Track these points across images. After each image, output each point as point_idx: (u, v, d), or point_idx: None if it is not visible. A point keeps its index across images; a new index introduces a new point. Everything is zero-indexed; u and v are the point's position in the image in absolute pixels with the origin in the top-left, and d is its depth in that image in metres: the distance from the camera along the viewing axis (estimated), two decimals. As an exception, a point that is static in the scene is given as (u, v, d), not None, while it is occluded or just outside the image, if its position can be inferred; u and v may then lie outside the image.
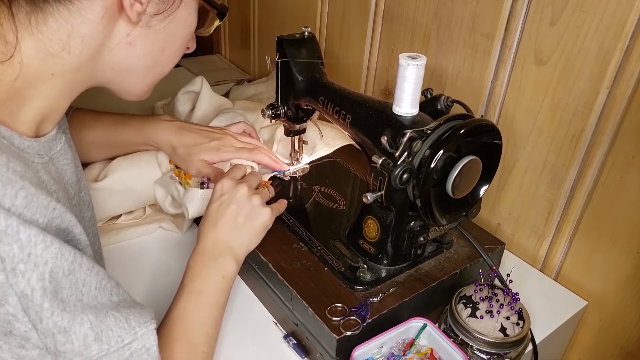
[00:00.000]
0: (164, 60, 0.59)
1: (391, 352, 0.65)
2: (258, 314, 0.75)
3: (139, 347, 0.50)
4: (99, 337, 0.47)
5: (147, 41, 0.55)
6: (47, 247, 0.44)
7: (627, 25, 0.65)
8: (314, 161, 0.96)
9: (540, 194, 0.82)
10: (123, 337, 0.49)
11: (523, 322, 0.66)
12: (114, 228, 0.86)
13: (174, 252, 0.84)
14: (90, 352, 0.46)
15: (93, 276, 0.48)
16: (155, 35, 0.55)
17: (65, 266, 0.45)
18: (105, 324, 0.48)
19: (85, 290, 0.47)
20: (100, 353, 0.47)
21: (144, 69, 0.58)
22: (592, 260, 0.79)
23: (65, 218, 0.48)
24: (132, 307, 0.52)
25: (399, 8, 0.95)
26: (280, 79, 0.82)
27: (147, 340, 0.51)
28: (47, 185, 0.51)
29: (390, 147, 0.62)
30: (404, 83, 0.63)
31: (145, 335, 0.51)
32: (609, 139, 0.72)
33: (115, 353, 0.48)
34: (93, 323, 0.47)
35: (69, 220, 0.49)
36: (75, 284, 0.46)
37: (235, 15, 1.54)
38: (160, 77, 0.62)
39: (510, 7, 0.77)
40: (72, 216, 0.49)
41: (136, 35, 0.54)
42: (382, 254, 0.70)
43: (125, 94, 0.61)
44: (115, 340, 0.48)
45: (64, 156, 0.59)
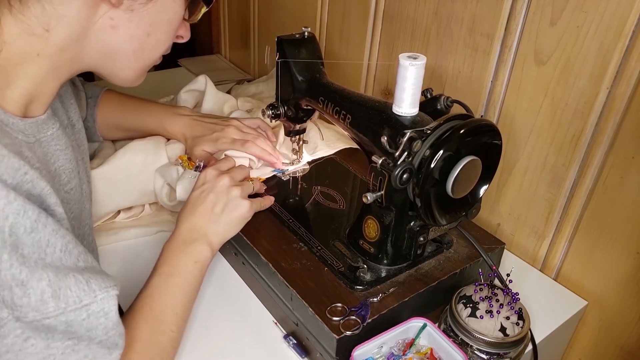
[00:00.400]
0: (151, 45, 0.60)
1: (391, 352, 0.65)
2: (258, 314, 0.75)
3: (97, 309, 0.51)
4: (56, 294, 0.48)
5: (130, 25, 0.56)
6: (9, 202, 0.45)
7: (627, 25, 0.65)
8: (314, 160, 0.96)
9: (540, 194, 0.82)
10: (82, 298, 0.49)
11: (523, 322, 0.66)
12: (113, 227, 0.86)
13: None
14: (46, 308, 0.47)
15: (58, 238, 0.49)
16: (139, 19, 0.56)
17: (28, 224, 0.46)
18: (64, 282, 0.48)
19: (49, 250, 0.48)
20: (57, 310, 0.48)
21: (130, 53, 0.59)
22: (592, 260, 0.79)
23: (37, 185, 0.49)
24: (97, 274, 0.52)
25: (399, 8, 0.95)
26: (280, 79, 0.82)
27: (106, 304, 0.51)
28: (29, 160, 0.52)
29: (390, 147, 0.62)
30: (404, 83, 0.63)
31: (105, 299, 0.51)
32: (609, 139, 0.72)
33: (72, 312, 0.49)
34: (52, 280, 0.47)
35: (42, 187, 0.50)
36: (38, 243, 0.47)
37: (235, 15, 1.54)
38: (148, 62, 0.62)
39: (510, 7, 0.77)
40: (47, 185, 0.50)
41: (120, 18, 0.55)
42: (382, 253, 0.70)
43: (115, 79, 0.62)
44: (73, 300, 0.49)
45: (57, 142, 0.60)
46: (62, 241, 0.49)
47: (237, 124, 0.89)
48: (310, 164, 0.95)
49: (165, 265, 0.66)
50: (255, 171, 0.89)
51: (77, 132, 0.71)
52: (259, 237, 0.75)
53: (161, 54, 0.63)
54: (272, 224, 0.79)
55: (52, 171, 0.59)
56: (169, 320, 0.63)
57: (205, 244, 0.69)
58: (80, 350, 0.50)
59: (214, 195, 0.72)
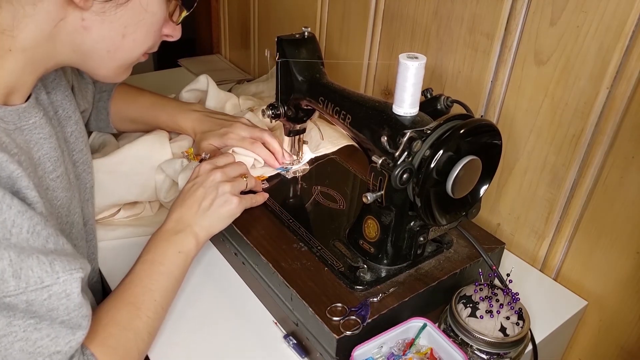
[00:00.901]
0: (127, 46, 0.60)
1: (391, 352, 0.65)
2: (258, 314, 0.75)
3: (59, 290, 0.51)
4: (17, 274, 0.48)
5: (102, 27, 0.56)
6: None
7: (627, 25, 0.65)
8: (317, 158, 0.96)
9: (540, 194, 0.82)
10: (43, 278, 0.50)
11: (523, 322, 0.66)
12: (112, 224, 0.86)
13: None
14: (7, 287, 0.48)
15: (25, 220, 0.50)
16: (112, 22, 0.56)
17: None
18: (26, 263, 0.49)
19: (15, 231, 0.49)
20: (18, 290, 0.48)
21: (104, 53, 0.59)
22: (592, 260, 0.79)
23: (6, 167, 0.50)
24: (64, 255, 0.53)
25: (399, 8, 0.95)
26: (280, 79, 0.82)
27: (68, 285, 0.52)
28: (7, 146, 0.53)
29: (390, 147, 0.62)
30: (404, 83, 0.63)
31: (67, 281, 0.52)
32: (609, 139, 0.72)
33: (32, 292, 0.49)
34: (13, 260, 0.48)
35: (12, 170, 0.51)
36: (2, 223, 0.48)
37: (235, 15, 1.54)
38: (126, 61, 0.63)
39: (510, 7, 0.77)
40: (18, 168, 0.51)
41: (91, 20, 0.55)
42: (382, 253, 0.70)
43: (93, 76, 0.63)
44: (34, 281, 0.49)
45: (39, 130, 0.61)
46: (29, 222, 0.50)
47: (245, 121, 0.90)
48: (313, 161, 0.95)
49: (149, 253, 0.68)
50: (259, 169, 0.89)
51: (74, 124, 0.72)
52: (259, 237, 0.75)
53: (141, 53, 0.63)
54: (272, 224, 0.79)
55: (35, 158, 0.60)
56: (147, 307, 0.64)
57: (190, 236, 0.71)
58: (42, 329, 0.51)
59: (203, 189, 0.73)
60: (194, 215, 0.72)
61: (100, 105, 0.91)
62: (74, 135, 0.73)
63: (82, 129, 0.75)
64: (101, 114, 0.91)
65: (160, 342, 0.68)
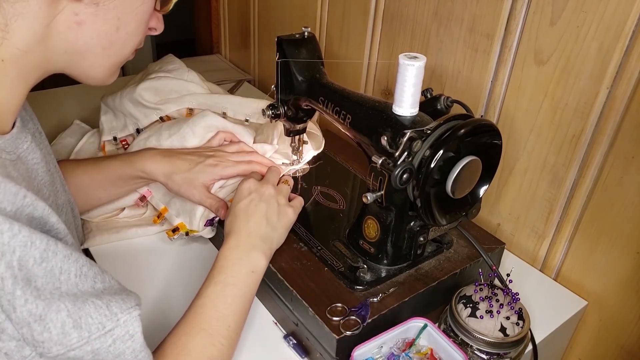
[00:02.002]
0: (121, 41, 0.56)
1: (391, 352, 0.65)
2: (258, 314, 0.75)
3: (122, 333, 0.49)
4: (77, 324, 0.46)
5: (97, 20, 0.52)
6: (14, 235, 0.43)
7: (627, 25, 0.65)
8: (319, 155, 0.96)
9: (540, 194, 0.82)
10: (104, 323, 0.47)
11: (523, 322, 0.66)
12: (116, 225, 0.86)
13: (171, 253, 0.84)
14: (69, 340, 0.45)
15: (72, 264, 0.47)
16: (106, 14, 0.53)
17: (37, 254, 0.44)
18: (84, 310, 0.46)
19: (63, 278, 0.46)
20: (81, 341, 0.46)
21: (99, 50, 0.55)
22: (592, 260, 0.79)
23: (37, 206, 0.47)
24: (116, 294, 0.50)
25: (399, 8, 0.95)
26: (280, 79, 0.82)
27: (130, 326, 0.50)
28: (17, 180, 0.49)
29: (390, 147, 0.62)
30: (404, 83, 0.63)
31: (128, 321, 0.49)
32: (609, 139, 0.72)
33: (96, 340, 0.47)
34: (71, 310, 0.45)
35: (43, 208, 0.47)
36: (51, 272, 0.45)
37: (235, 15, 1.54)
38: (120, 59, 0.58)
39: (510, 7, 0.77)
40: (45, 205, 0.47)
41: (85, 14, 0.51)
42: (382, 254, 0.70)
43: (86, 78, 0.58)
44: (96, 327, 0.47)
45: (32, 155, 0.57)
46: (75, 265, 0.47)
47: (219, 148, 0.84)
48: (317, 159, 0.95)
49: (221, 275, 0.64)
50: None
51: (44, 140, 0.66)
52: (259, 237, 0.75)
53: (133, 48, 0.59)
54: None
55: (35, 187, 0.56)
56: (221, 334, 0.60)
57: (261, 253, 0.67)
58: None
59: (264, 204, 0.71)
60: (263, 229, 0.69)
61: None
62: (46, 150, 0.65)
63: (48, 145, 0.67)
64: None
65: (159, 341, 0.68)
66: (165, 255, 0.83)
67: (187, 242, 0.85)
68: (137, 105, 0.98)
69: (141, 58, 1.80)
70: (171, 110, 0.99)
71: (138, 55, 0.64)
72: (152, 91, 1.00)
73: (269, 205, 0.71)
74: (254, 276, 0.66)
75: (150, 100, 0.99)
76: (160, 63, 1.12)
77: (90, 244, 0.83)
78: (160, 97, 1.00)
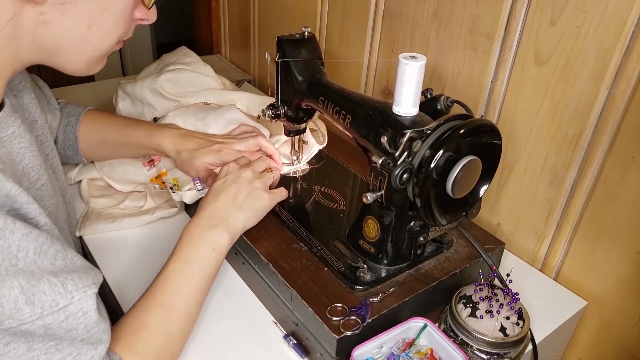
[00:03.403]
0: (96, 38, 0.56)
1: (391, 352, 0.65)
2: (258, 314, 0.75)
3: (75, 310, 0.50)
4: (30, 300, 0.47)
5: (64, 19, 0.53)
6: None
7: (627, 25, 0.65)
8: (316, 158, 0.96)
9: (540, 194, 0.82)
10: (57, 301, 0.49)
11: (523, 322, 0.66)
12: (113, 215, 0.87)
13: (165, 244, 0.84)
14: (22, 315, 0.47)
15: (30, 241, 0.48)
16: (73, 14, 0.53)
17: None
18: (38, 288, 0.48)
19: (21, 255, 0.48)
20: (33, 316, 0.48)
21: (71, 47, 0.56)
22: (592, 260, 0.79)
23: (3, 187, 0.49)
24: (75, 272, 0.52)
25: (399, 8, 0.95)
26: (280, 79, 0.82)
27: (84, 304, 0.51)
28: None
29: (390, 147, 0.62)
30: (403, 83, 0.63)
31: (82, 299, 0.51)
32: (609, 139, 0.72)
33: (49, 316, 0.49)
34: (24, 287, 0.47)
35: (9, 188, 0.49)
36: (7, 250, 0.47)
37: (235, 15, 1.54)
38: (98, 53, 0.59)
39: (510, 7, 0.77)
40: (14, 185, 0.49)
41: (50, 14, 0.52)
42: (382, 254, 0.70)
43: (64, 71, 0.59)
44: (49, 304, 0.49)
45: (20, 139, 0.59)
46: (34, 243, 0.49)
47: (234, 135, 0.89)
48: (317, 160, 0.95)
49: (181, 251, 0.66)
50: None
51: (40, 128, 0.70)
52: (259, 237, 0.75)
53: (114, 42, 0.59)
54: (272, 224, 0.79)
55: (19, 170, 0.58)
56: (179, 309, 0.62)
57: (224, 230, 0.69)
58: (63, 348, 0.50)
59: (236, 185, 0.72)
60: (229, 208, 0.70)
61: (69, 130, 0.86)
62: (43, 137, 0.71)
63: (48, 132, 0.73)
64: (69, 140, 0.86)
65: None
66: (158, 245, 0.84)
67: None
68: (156, 95, 1.02)
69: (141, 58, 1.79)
70: (189, 103, 1.01)
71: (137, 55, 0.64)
72: (172, 83, 1.04)
73: (240, 187, 0.72)
74: (214, 254, 0.67)
75: (170, 91, 1.02)
76: (175, 55, 1.14)
77: (85, 232, 0.84)
78: (179, 89, 1.04)
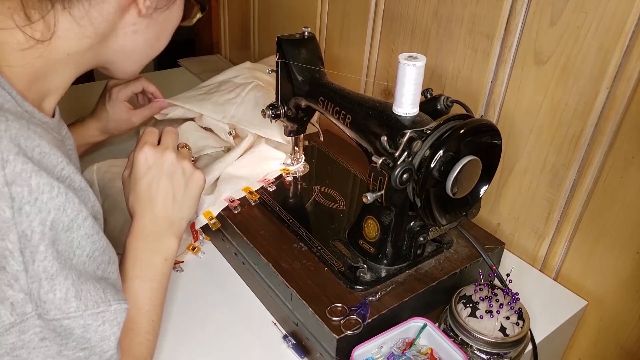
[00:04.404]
0: (158, 46, 0.65)
1: (391, 352, 0.65)
2: (258, 314, 0.75)
3: (111, 318, 0.51)
4: (79, 295, 0.48)
5: (147, 30, 0.60)
6: (52, 197, 0.46)
7: (627, 25, 0.65)
8: (315, 158, 0.96)
9: (540, 194, 0.82)
10: (99, 303, 0.50)
11: (523, 322, 0.66)
12: None
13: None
14: (68, 307, 0.47)
15: (88, 243, 0.50)
16: (154, 25, 0.61)
17: (66, 222, 0.48)
18: (85, 286, 0.49)
19: (77, 252, 0.49)
20: (78, 311, 0.48)
21: (142, 53, 0.63)
22: (592, 260, 0.79)
23: (74, 179, 0.50)
24: (112, 286, 0.53)
25: (399, 8, 0.95)
26: (280, 79, 0.82)
27: (119, 315, 0.52)
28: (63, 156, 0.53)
29: (390, 147, 0.62)
30: (403, 83, 0.63)
31: (117, 310, 0.51)
32: (609, 139, 0.72)
33: (90, 316, 0.49)
34: (75, 281, 0.48)
35: (79, 181, 0.51)
36: (70, 243, 0.48)
37: (235, 15, 1.54)
38: (151, 59, 0.66)
39: (510, 7, 0.77)
40: (82, 179, 0.52)
41: (140, 24, 0.59)
42: (382, 253, 0.70)
43: (121, 74, 0.65)
44: (92, 304, 0.49)
45: (69, 141, 0.63)
46: (91, 246, 0.50)
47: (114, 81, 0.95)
48: (318, 160, 0.95)
49: (135, 269, 0.63)
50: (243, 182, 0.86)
51: None
52: (259, 237, 0.75)
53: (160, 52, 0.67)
54: (272, 224, 0.79)
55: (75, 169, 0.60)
56: (145, 330, 0.61)
57: (172, 236, 0.66)
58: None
59: (168, 178, 0.66)
60: (170, 210, 0.66)
61: None
62: None
63: None
64: None
65: (159, 341, 0.68)
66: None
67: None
68: None
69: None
70: None
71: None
72: None
73: (172, 178, 0.66)
74: (167, 263, 0.65)
75: None
76: None
77: None
78: None
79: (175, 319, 0.72)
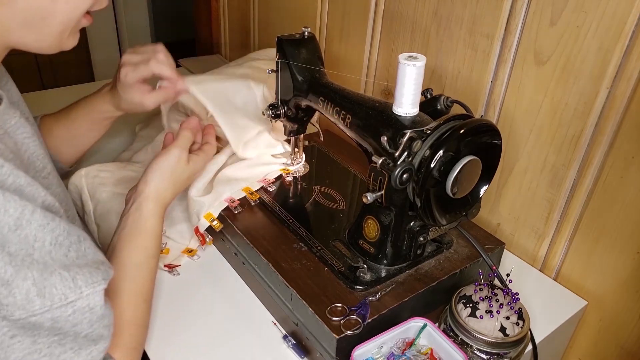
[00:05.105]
0: (62, 10, 0.57)
1: (391, 352, 0.65)
2: (258, 314, 0.75)
3: (82, 305, 0.51)
4: (41, 293, 0.48)
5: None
6: None
7: (627, 25, 0.65)
8: (316, 158, 0.96)
9: (540, 194, 0.82)
10: (67, 295, 0.50)
11: (523, 322, 0.66)
12: None
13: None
14: (32, 306, 0.48)
15: (47, 233, 0.49)
16: None
17: (11, 222, 0.46)
18: (49, 281, 0.49)
19: (37, 245, 0.48)
20: (43, 308, 0.48)
21: (38, 22, 0.56)
22: (592, 260, 0.79)
23: (17, 175, 0.49)
24: (86, 266, 0.52)
25: (399, 8, 0.95)
26: (280, 79, 0.82)
27: (91, 300, 0.52)
28: (3, 152, 0.51)
29: (390, 147, 0.62)
30: (403, 83, 0.63)
31: (90, 295, 0.52)
32: (609, 139, 0.72)
33: (57, 309, 0.49)
34: (37, 279, 0.48)
35: (22, 177, 0.50)
36: (25, 239, 0.47)
37: (235, 15, 1.54)
38: (68, 26, 0.59)
39: (510, 7, 0.77)
40: (25, 175, 0.50)
41: None
42: (382, 253, 0.70)
43: (39, 50, 0.59)
44: (59, 298, 0.49)
45: (22, 130, 0.61)
46: (51, 234, 0.50)
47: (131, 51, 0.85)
48: (318, 160, 0.95)
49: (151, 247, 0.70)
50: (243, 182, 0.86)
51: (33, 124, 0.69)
52: (259, 237, 0.75)
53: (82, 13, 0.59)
54: (272, 224, 0.79)
55: (25, 160, 0.60)
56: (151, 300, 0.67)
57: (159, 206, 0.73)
58: (66, 343, 0.51)
59: None
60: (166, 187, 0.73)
61: None
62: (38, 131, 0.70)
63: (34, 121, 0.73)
64: None
65: (159, 341, 0.68)
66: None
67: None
68: None
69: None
70: None
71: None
72: None
73: None
74: None
75: None
76: None
77: None
78: None
79: (174, 318, 0.72)
